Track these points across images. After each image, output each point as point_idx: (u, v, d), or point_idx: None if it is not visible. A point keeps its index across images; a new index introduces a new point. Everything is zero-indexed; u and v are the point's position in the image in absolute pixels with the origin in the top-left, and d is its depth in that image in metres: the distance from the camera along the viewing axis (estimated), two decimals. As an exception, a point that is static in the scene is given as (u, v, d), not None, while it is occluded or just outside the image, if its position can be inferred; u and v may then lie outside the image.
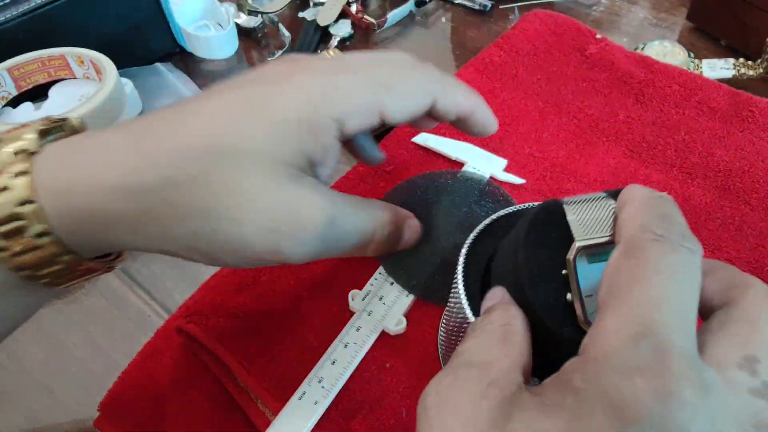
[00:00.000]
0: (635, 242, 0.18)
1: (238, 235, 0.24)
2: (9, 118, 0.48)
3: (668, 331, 0.16)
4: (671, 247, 0.17)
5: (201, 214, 0.23)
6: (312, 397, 0.32)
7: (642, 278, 0.17)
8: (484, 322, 0.22)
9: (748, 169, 0.42)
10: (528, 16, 0.54)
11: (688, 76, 0.47)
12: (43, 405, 0.37)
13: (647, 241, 0.18)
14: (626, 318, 0.16)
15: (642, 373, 0.15)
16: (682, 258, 0.17)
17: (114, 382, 0.35)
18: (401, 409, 0.32)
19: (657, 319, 0.16)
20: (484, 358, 0.19)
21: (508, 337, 0.20)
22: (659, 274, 0.17)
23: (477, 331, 0.22)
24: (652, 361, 0.15)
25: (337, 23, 0.60)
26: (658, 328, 0.16)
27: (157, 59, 0.58)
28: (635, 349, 0.16)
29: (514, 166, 0.44)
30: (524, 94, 0.49)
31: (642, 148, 0.44)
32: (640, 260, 0.17)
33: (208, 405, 0.34)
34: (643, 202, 0.19)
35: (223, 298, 0.37)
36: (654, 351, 0.15)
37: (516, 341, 0.20)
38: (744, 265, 0.38)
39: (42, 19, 0.48)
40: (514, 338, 0.20)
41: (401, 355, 0.35)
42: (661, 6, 0.62)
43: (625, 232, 0.19)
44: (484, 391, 0.18)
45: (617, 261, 0.18)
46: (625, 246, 0.18)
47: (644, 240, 0.18)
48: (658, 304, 0.16)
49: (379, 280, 0.37)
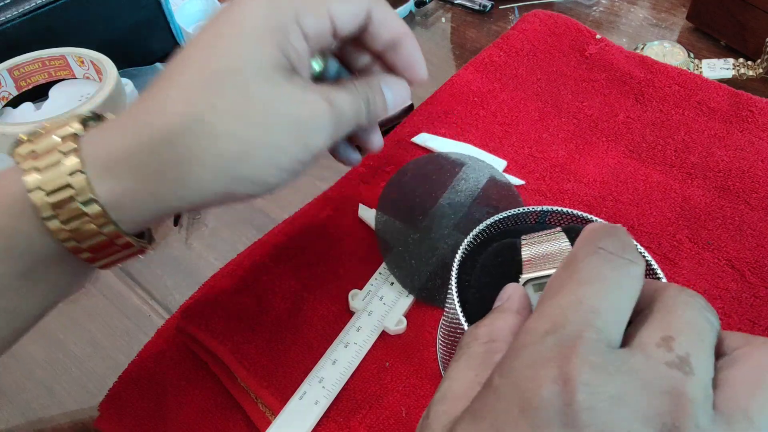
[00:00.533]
0: (574, 255, 0.20)
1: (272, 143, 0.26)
2: (9, 118, 0.48)
3: (578, 328, 0.17)
4: (606, 258, 0.19)
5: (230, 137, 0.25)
6: (312, 397, 0.32)
7: (566, 286, 0.18)
8: (469, 338, 0.22)
9: (747, 169, 0.42)
10: (528, 17, 0.54)
11: (688, 76, 0.47)
12: (43, 405, 0.37)
13: (583, 254, 0.19)
14: (542, 318, 0.18)
15: (545, 363, 0.16)
16: (615, 266, 0.19)
17: (114, 382, 0.35)
18: (401, 409, 0.33)
19: (570, 317, 0.17)
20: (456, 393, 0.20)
21: (489, 357, 0.21)
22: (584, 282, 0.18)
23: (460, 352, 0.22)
24: (557, 353, 0.17)
25: (337, 23, 0.60)
26: (568, 325, 0.17)
27: (157, 59, 0.58)
28: (543, 342, 0.17)
29: (513, 166, 0.44)
30: (524, 94, 0.49)
31: (642, 148, 0.44)
32: (571, 270, 0.19)
33: (208, 405, 0.34)
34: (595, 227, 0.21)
35: (223, 298, 0.37)
36: (559, 344, 0.17)
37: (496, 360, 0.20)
38: (744, 265, 0.38)
39: (42, 19, 0.48)
40: (494, 357, 0.20)
41: (401, 354, 0.35)
42: (661, 6, 0.62)
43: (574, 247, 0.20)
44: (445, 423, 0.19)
45: (555, 273, 0.20)
46: (566, 260, 0.20)
47: (581, 253, 0.19)
48: (575, 306, 0.18)
49: (379, 280, 0.37)
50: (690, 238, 0.39)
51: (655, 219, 0.40)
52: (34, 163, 0.25)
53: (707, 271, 0.38)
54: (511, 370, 0.17)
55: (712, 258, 0.38)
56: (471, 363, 0.21)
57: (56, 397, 0.38)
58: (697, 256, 0.38)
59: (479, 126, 0.47)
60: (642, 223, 0.40)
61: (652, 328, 0.18)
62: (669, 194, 0.42)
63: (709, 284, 0.37)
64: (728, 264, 0.38)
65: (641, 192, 0.42)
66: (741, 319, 0.35)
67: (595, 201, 0.42)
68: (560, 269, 0.20)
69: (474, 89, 0.49)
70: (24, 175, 0.24)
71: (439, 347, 0.34)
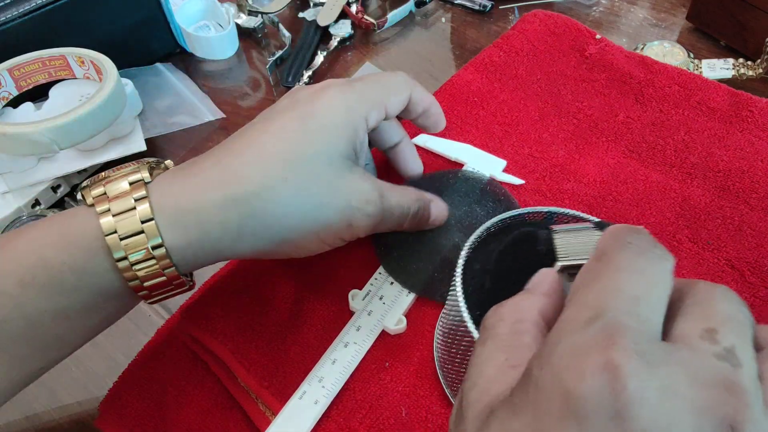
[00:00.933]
0: (606, 248, 0.19)
1: (323, 218, 0.30)
2: (9, 118, 0.48)
3: (620, 315, 0.17)
4: (638, 251, 0.19)
5: (292, 209, 0.30)
6: (312, 397, 0.32)
7: (603, 274, 0.18)
8: (493, 319, 0.21)
9: (747, 169, 0.42)
10: (528, 17, 0.54)
11: (688, 76, 0.47)
12: (43, 404, 0.37)
13: (615, 248, 0.19)
14: (581, 307, 0.18)
15: (589, 352, 0.16)
16: (649, 259, 0.18)
17: (114, 382, 0.35)
18: (401, 408, 0.33)
19: (611, 305, 0.17)
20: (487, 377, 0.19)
21: (517, 338, 0.20)
22: (620, 271, 0.18)
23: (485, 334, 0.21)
24: (600, 341, 0.16)
25: (337, 23, 0.60)
26: (610, 313, 0.17)
27: (158, 59, 0.58)
28: (585, 331, 0.16)
29: (513, 166, 0.44)
30: (524, 94, 0.49)
31: (641, 149, 0.44)
32: (605, 261, 0.19)
33: (208, 405, 0.34)
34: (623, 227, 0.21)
35: (223, 298, 0.37)
36: (603, 331, 0.16)
37: (526, 342, 0.20)
38: (744, 265, 0.38)
39: (42, 19, 0.48)
40: (523, 339, 0.20)
41: (401, 354, 0.35)
42: (661, 6, 0.62)
43: (600, 243, 0.20)
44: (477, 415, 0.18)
45: (587, 265, 0.19)
46: (596, 253, 0.20)
47: (613, 246, 0.19)
48: (615, 293, 0.17)
49: (379, 280, 0.37)
50: (690, 238, 0.39)
51: (654, 219, 0.40)
52: (107, 206, 0.27)
53: (707, 271, 0.38)
54: (550, 361, 0.16)
55: (712, 258, 0.38)
56: (498, 345, 0.20)
57: (56, 397, 0.38)
58: (696, 256, 0.38)
59: (479, 126, 0.47)
60: (642, 223, 0.40)
61: (692, 320, 0.17)
62: (669, 194, 0.42)
63: (709, 284, 0.37)
64: (728, 264, 0.38)
65: (641, 192, 0.42)
66: (741, 319, 0.35)
67: (595, 201, 0.42)
68: (592, 261, 0.19)
69: (474, 89, 0.49)
70: (99, 217, 0.27)
71: (436, 348, 0.34)
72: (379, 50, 0.59)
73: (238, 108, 0.54)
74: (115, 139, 0.48)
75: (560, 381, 0.16)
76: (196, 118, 0.54)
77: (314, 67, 0.57)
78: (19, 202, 0.45)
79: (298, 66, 0.57)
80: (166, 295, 0.30)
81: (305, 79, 0.55)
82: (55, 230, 0.27)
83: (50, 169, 0.46)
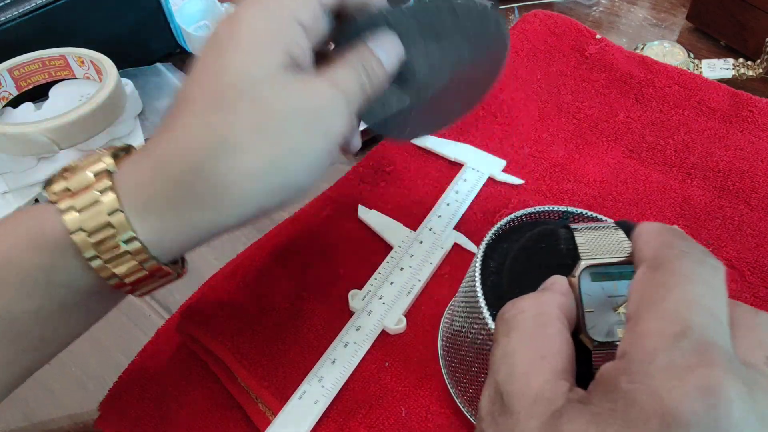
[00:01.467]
0: (661, 257, 0.19)
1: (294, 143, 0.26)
2: (9, 118, 0.48)
3: (707, 331, 0.16)
4: (697, 260, 0.18)
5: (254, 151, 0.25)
6: (312, 397, 0.32)
7: (674, 285, 0.18)
8: (513, 311, 0.21)
9: (747, 169, 0.42)
10: (528, 17, 0.54)
11: (688, 76, 0.47)
12: (42, 404, 0.37)
13: (674, 256, 0.19)
14: (665, 320, 0.17)
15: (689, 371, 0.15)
16: (708, 268, 0.18)
17: (114, 381, 0.35)
18: (401, 408, 0.33)
19: (695, 320, 0.17)
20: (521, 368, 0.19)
21: (541, 330, 0.20)
22: (691, 282, 0.18)
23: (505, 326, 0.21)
24: (697, 358, 0.16)
25: (337, 23, 0.60)
26: (697, 328, 0.16)
27: (158, 59, 0.58)
28: (678, 347, 0.16)
29: (513, 166, 0.44)
30: (524, 94, 0.49)
31: (642, 148, 0.44)
32: (670, 271, 0.18)
33: (208, 405, 0.34)
34: (661, 228, 0.20)
35: (223, 298, 0.37)
36: (697, 348, 0.16)
37: (551, 333, 0.20)
38: (744, 265, 0.38)
39: (42, 19, 0.48)
40: (548, 330, 0.20)
41: (401, 354, 0.35)
42: (661, 6, 0.62)
43: (648, 250, 0.20)
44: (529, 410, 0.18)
45: (645, 275, 0.19)
46: (651, 262, 0.19)
47: (671, 255, 0.19)
48: (694, 307, 0.17)
49: (379, 280, 0.37)
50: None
51: (654, 219, 0.40)
52: (71, 202, 0.25)
53: (707, 271, 0.38)
54: (645, 377, 0.16)
55: (711, 258, 0.38)
56: (523, 336, 0.20)
57: (56, 397, 0.38)
58: (696, 256, 0.38)
59: (479, 126, 0.47)
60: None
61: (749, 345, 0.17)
62: (669, 194, 0.42)
63: (709, 284, 0.37)
64: (728, 264, 0.38)
65: (641, 192, 0.42)
66: (741, 319, 0.35)
67: (595, 201, 0.42)
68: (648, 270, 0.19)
69: (474, 89, 0.49)
70: (62, 214, 0.25)
71: (442, 344, 0.34)
72: (379, 50, 0.59)
73: (238, 108, 0.54)
74: (115, 140, 0.48)
75: (660, 400, 0.15)
76: (196, 118, 0.54)
77: (314, 67, 0.56)
78: (19, 202, 0.45)
79: (298, 66, 0.57)
80: (154, 287, 0.28)
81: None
82: (22, 229, 0.25)
83: (50, 169, 0.46)
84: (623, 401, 0.16)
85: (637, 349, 0.17)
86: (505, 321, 0.21)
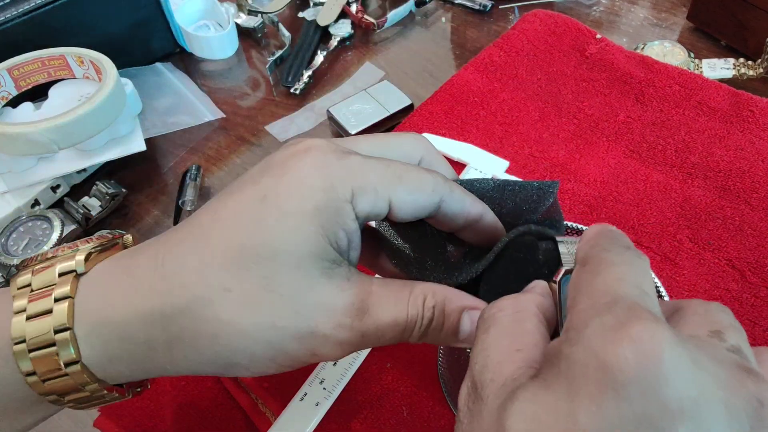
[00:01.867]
0: (589, 254, 0.20)
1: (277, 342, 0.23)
2: (9, 118, 0.48)
3: (636, 299, 0.17)
4: (619, 251, 0.20)
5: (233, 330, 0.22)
6: (313, 398, 0.32)
7: (601, 270, 0.19)
8: (493, 310, 0.21)
9: (748, 169, 0.42)
10: (528, 16, 0.54)
11: (688, 76, 0.47)
12: (43, 405, 0.37)
13: (599, 250, 0.20)
14: (596, 295, 0.18)
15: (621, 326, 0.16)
16: (630, 256, 0.20)
17: (114, 382, 0.35)
18: (402, 409, 0.32)
19: (624, 290, 0.18)
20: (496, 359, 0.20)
21: (519, 325, 0.20)
22: (615, 265, 0.19)
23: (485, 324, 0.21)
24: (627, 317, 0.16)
25: (337, 23, 0.60)
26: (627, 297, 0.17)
27: (157, 59, 0.58)
28: (610, 311, 0.17)
29: (514, 166, 0.44)
30: (524, 94, 0.49)
31: (642, 148, 0.44)
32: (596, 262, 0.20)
33: (208, 405, 0.34)
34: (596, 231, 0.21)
35: (224, 299, 0.37)
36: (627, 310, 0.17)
37: (528, 328, 0.20)
38: (745, 265, 0.38)
39: (42, 19, 0.48)
40: (525, 326, 0.20)
41: (402, 355, 0.35)
42: (661, 6, 0.62)
43: (580, 252, 0.21)
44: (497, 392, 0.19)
45: (576, 272, 0.20)
46: (581, 261, 0.20)
47: (596, 250, 0.20)
48: (621, 283, 0.18)
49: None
50: (690, 238, 0.39)
51: (655, 219, 0.40)
52: (25, 304, 0.23)
53: (708, 271, 0.38)
54: (581, 339, 0.17)
55: (712, 258, 0.38)
56: (501, 331, 0.21)
57: (56, 397, 0.37)
58: (697, 256, 0.38)
59: (479, 126, 0.47)
60: (642, 223, 0.40)
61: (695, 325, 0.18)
62: (669, 194, 0.42)
63: (710, 284, 0.37)
64: (729, 264, 0.38)
65: (641, 192, 0.42)
66: (741, 319, 0.35)
67: (596, 201, 0.42)
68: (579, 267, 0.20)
69: (474, 89, 0.49)
70: (13, 316, 0.23)
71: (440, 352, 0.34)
72: (379, 50, 0.59)
73: (238, 108, 0.54)
74: (114, 139, 0.48)
75: (596, 354, 0.16)
76: (195, 118, 0.54)
77: (314, 67, 0.56)
78: (19, 202, 0.45)
79: (298, 66, 0.57)
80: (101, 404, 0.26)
81: (305, 78, 0.55)
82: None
83: (50, 169, 0.46)
84: (565, 363, 0.17)
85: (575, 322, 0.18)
86: (484, 320, 0.21)
